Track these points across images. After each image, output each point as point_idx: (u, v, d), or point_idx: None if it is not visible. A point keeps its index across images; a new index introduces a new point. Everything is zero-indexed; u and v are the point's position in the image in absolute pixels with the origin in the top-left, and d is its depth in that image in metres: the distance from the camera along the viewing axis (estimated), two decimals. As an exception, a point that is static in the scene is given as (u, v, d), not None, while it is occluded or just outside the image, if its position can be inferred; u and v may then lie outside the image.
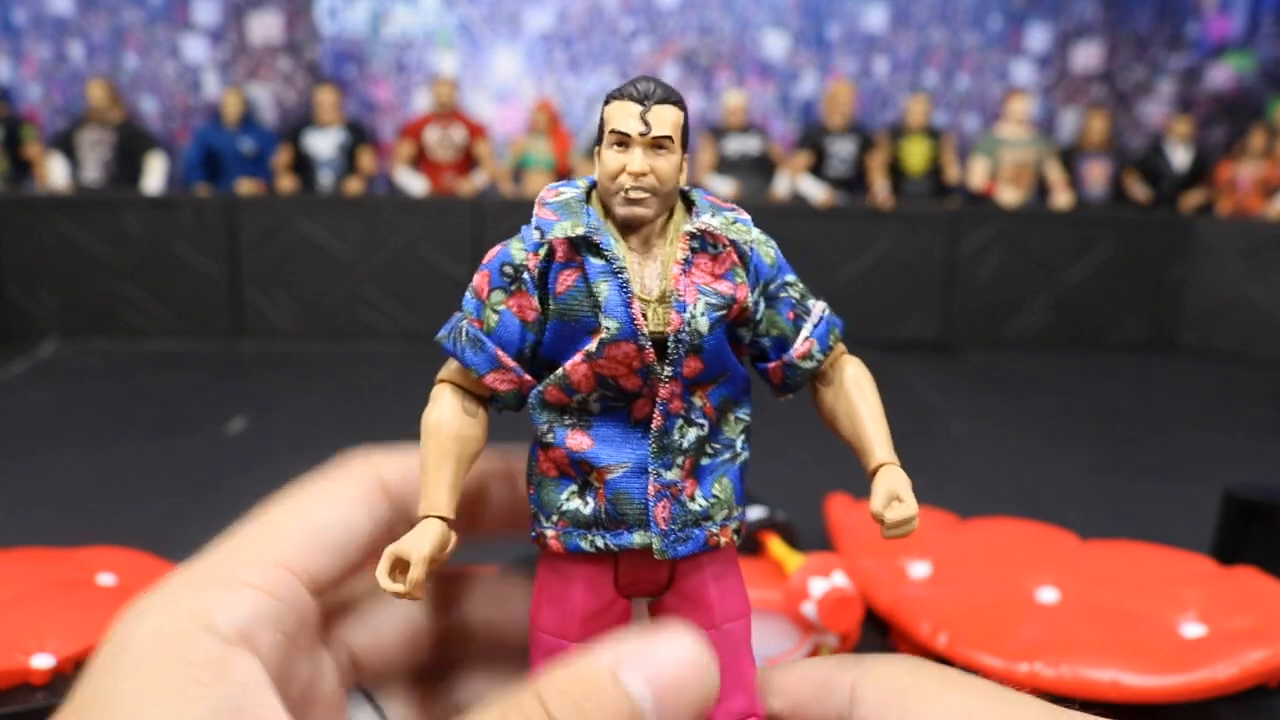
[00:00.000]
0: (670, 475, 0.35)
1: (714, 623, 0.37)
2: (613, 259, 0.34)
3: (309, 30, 3.96)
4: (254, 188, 3.46)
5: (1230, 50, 4.10)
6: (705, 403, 0.36)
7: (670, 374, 0.34)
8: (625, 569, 0.37)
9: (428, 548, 0.34)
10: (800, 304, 0.38)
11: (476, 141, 3.60)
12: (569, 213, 0.35)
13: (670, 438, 0.35)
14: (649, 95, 0.35)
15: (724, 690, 0.37)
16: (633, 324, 0.33)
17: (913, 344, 3.50)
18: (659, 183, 0.34)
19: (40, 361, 3.01)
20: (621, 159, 0.34)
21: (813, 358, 0.38)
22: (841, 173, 3.66)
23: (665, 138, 0.34)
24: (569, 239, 0.34)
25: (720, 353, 0.35)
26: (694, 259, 0.35)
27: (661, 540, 0.35)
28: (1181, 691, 0.92)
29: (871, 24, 4.10)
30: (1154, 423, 2.49)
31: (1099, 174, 3.76)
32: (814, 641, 0.99)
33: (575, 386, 0.35)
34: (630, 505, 0.35)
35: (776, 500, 1.22)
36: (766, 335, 0.38)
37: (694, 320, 0.34)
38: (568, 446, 0.35)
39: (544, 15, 4.00)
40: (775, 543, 1.11)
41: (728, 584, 0.38)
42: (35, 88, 3.91)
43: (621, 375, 0.34)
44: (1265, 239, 3.38)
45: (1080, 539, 1.26)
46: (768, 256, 0.37)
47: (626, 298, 0.34)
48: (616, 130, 0.35)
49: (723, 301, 0.35)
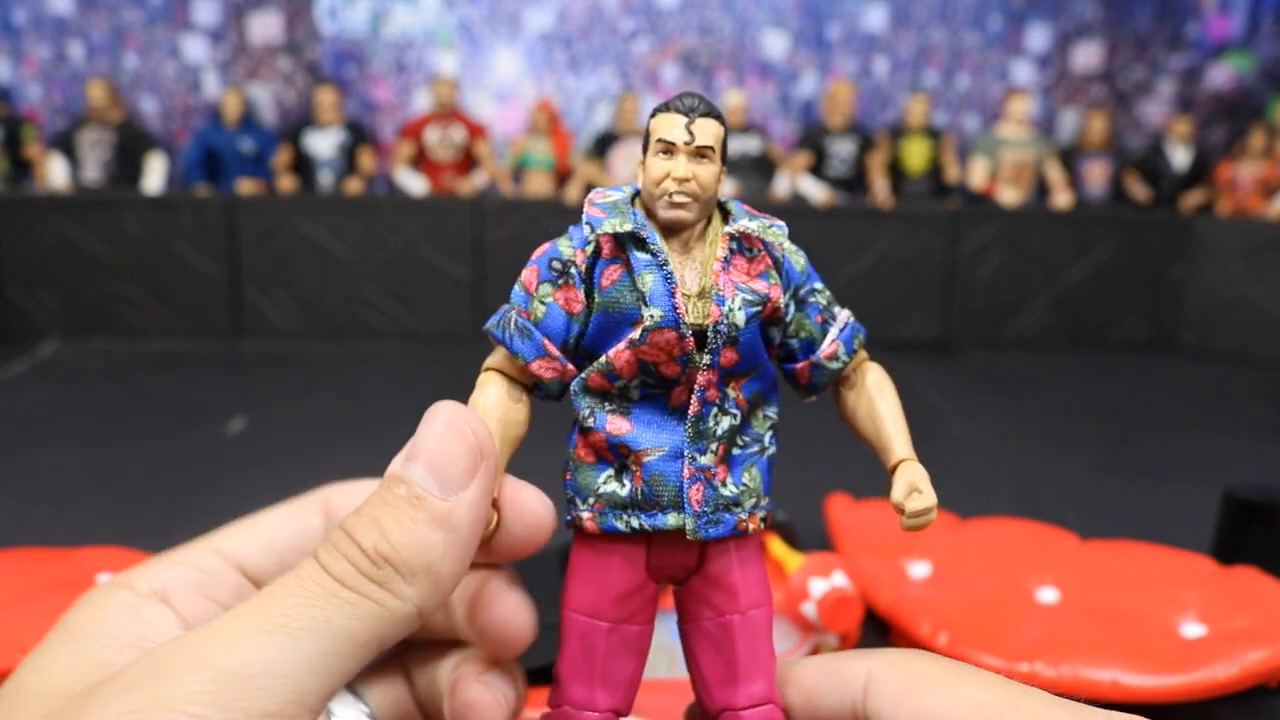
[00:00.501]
0: (704, 460, 0.37)
1: (738, 608, 0.39)
2: (658, 252, 0.36)
3: (309, 30, 3.96)
4: (254, 188, 3.46)
5: (1230, 50, 4.10)
6: (738, 394, 0.38)
7: (708, 363, 0.36)
8: (657, 552, 0.38)
9: None
10: (828, 309, 0.41)
11: (476, 141, 3.60)
12: (616, 212, 0.37)
13: (705, 424, 0.37)
14: (694, 109, 0.37)
15: (745, 675, 0.38)
16: (675, 312, 0.36)
17: (913, 344, 3.50)
18: (700, 189, 0.37)
19: (40, 361, 3.01)
20: (667, 165, 0.37)
21: (839, 359, 0.40)
22: (841, 173, 3.66)
23: (708, 147, 0.37)
24: (615, 235, 0.36)
25: (754, 346, 0.38)
26: (732, 259, 0.37)
27: (695, 521, 0.37)
28: (1181, 691, 0.92)
29: (871, 24, 4.10)
30: (1154, 423, 2.49)
31: (1099, 174, 3.76)
32: (814, 641, 0.99)
33: (618, 373, 0.37)
34: (666, 487, 0.37)
35: (777, 500, 1.22)
36: (795, 337, 0.40)
37: (732, 313, 0.36)
38: (608, 431, 0.37)
39: (544, 15, 4.00)
40: (775, 543, 1.11)
41: (752, 571, 0.39)
42: (35, 88, 3.91)
43: (662, 362, 0.37)
44: (1265, 239, 3.38)
45: (1080, 539, 1.26)
46: (798, 264, 0.40)
47: (670, 288, 0.36)
48: (663, 139, 0.37)
49: (758, 299, 0.37)
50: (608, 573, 0.38)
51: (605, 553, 0.38)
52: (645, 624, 0.39)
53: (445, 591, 0.32)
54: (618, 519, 0.37)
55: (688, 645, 0.40)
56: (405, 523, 0.32)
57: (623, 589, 0.38)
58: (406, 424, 0.34)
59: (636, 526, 0.37)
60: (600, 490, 0.38)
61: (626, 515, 0.37)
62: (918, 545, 1.23)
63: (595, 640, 0.38)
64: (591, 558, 0.38)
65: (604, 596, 0.38)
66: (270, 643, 0.28)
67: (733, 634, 0.38)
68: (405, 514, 0.32)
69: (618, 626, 0.38)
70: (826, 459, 1.49)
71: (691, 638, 0.39)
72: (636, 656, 0.39)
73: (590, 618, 0.38)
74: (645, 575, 0.38)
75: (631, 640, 0.39)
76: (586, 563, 0.39)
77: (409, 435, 0.38)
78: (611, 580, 0.38)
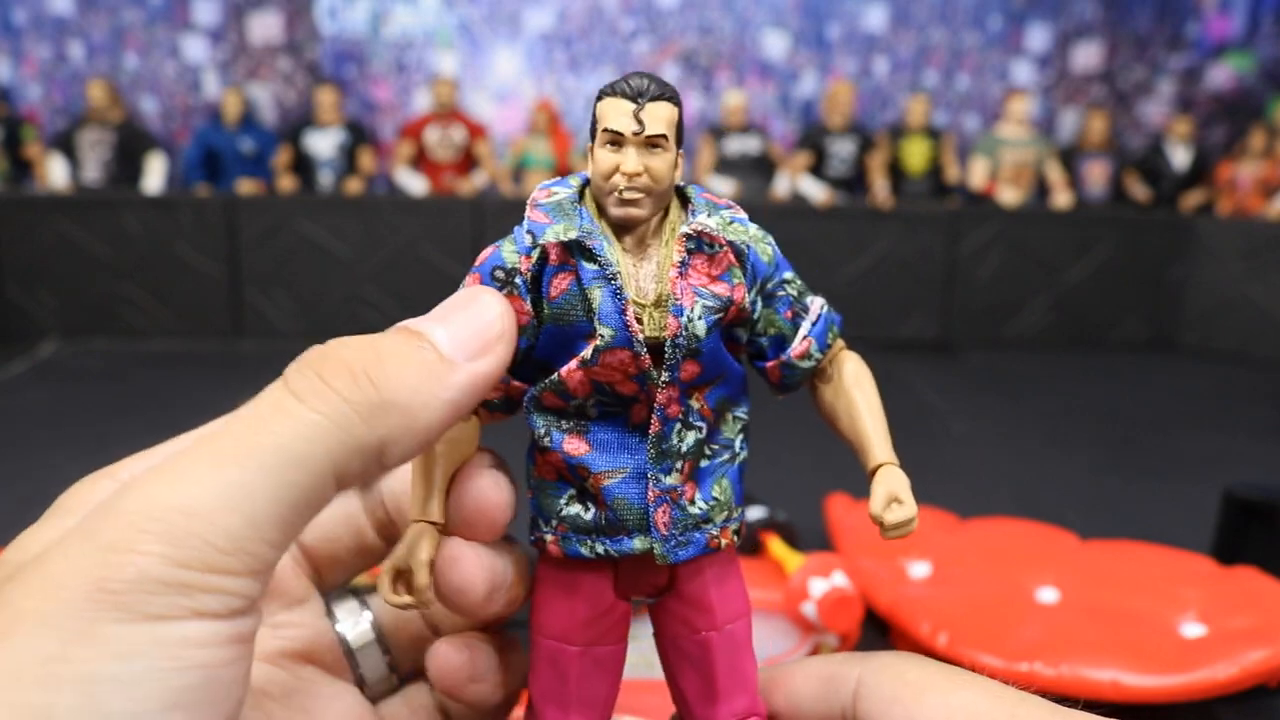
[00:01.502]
0: (669, 480, 0.35)
1: (715, 624, 0.37)
2: (606, 265, 0.33)
3: (309, 30, 3.96)
4: (254, 188, 3.46)
5: (1230, 50, 4.10)
6: (703, 405, 0.36)
7: (667, 379, 0.34)
8: (625, 573, 0.36)
9: (424, 554, 0.33)
10: (798, 302, 0.37)
11: (476, 141, 3.60)
12: (562, 215, 0.34)
13: (669, 442, 0.35)
14: (643, 92, 0.33)
15: (725, 691, 0.37)
16: (627, 330, 0.33)
17: (913, 344, 3.50)
18: (654, 182, 0.34)
19: (40, 361, 3.01)
20: (615, 159, 0.33)
21: (811, 357, 0.37)
22: (841, 173, 3.66)
23: (660, 136, 0.33)
24: (562, 243, 0.33)
25: (717, 355, 0.35)
26: (690, 260, 0.34)
27: (663, 545, 0.35)
28: (1181, 691, 0.92)
29: (871, 24, 4.10)
30: (1154, 423, 2.49)
31: (1099, 174, 3.76)
32: (814, 641, 0.99)
33: (571, 392, 0.34)
34: (630, 511, 0.34)
35: (776, 500, 1.22)
36: (764, 334, 0.37)
37: (691, 324, 0.33)
38: (565, 451, 0.35)
39: (544, 15, 4.00)
40: (775, 543, 1.11)
41: (728, 585, 0.37)
42: (35, 88, 3.91)
43: (617, 381, 0.34)
44: (1265, 239, 3.38)
45: (1080, 539, 1.26)
46: (765, 254, 0.36)
47: (620, 305, 0.33)
48: (609, 129, 0.33)
49: (720, 304, 0.34)
50: (575, 596, 0.36)
51: (571, 576, 0.36)
52: (618, 643, 0.37)
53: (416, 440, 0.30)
54: (581, 544, 0.35)
55: (665, 662, 0.38)
56: (404, 357, 0.30)
57: (591, 612, 0.36)
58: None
59: (601, 552, 0.35)
60: (563, 513, 0.35)
61: (590, 540, 0.35)
62: (918, 545, 1.23)
63: (566, 664, 0.36)
64: (557, 581, 0.36)
65: (573, 620, 0.36)
66: (219, 475, 0.26)
67: (711, 651, 0.37)
68: (408, 351, 0.31)
69: (589, 649, 0.36)
70: (826, 459, 1.49)
71: (669, 655, 0.38)
72: (611, 674, 0.37)
73: (560, 642, 0.36)
74: (614, 596, 0.36)
75: (604, 660, 0.37)
76: (552, 585, 0.37)
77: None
78: (579, 604, 0.36)
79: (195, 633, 0.25)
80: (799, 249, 3.39)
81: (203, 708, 0.26)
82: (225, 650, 0.26)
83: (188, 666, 0.25)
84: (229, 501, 0.26)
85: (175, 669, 0.25)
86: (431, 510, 0.34)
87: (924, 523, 1.29)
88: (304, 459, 0.27)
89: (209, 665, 0.26)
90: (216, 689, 0.26)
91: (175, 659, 0.25)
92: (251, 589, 0.27)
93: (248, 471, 0.27)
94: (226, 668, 0.26)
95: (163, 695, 0.25)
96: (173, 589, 0.25)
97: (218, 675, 0.26)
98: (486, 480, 0.35)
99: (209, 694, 0.26)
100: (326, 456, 0.28)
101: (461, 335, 0.32)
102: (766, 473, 1.63)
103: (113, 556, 0.25)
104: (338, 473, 0.28)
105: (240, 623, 0.27)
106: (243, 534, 0.26)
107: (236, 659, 0.27)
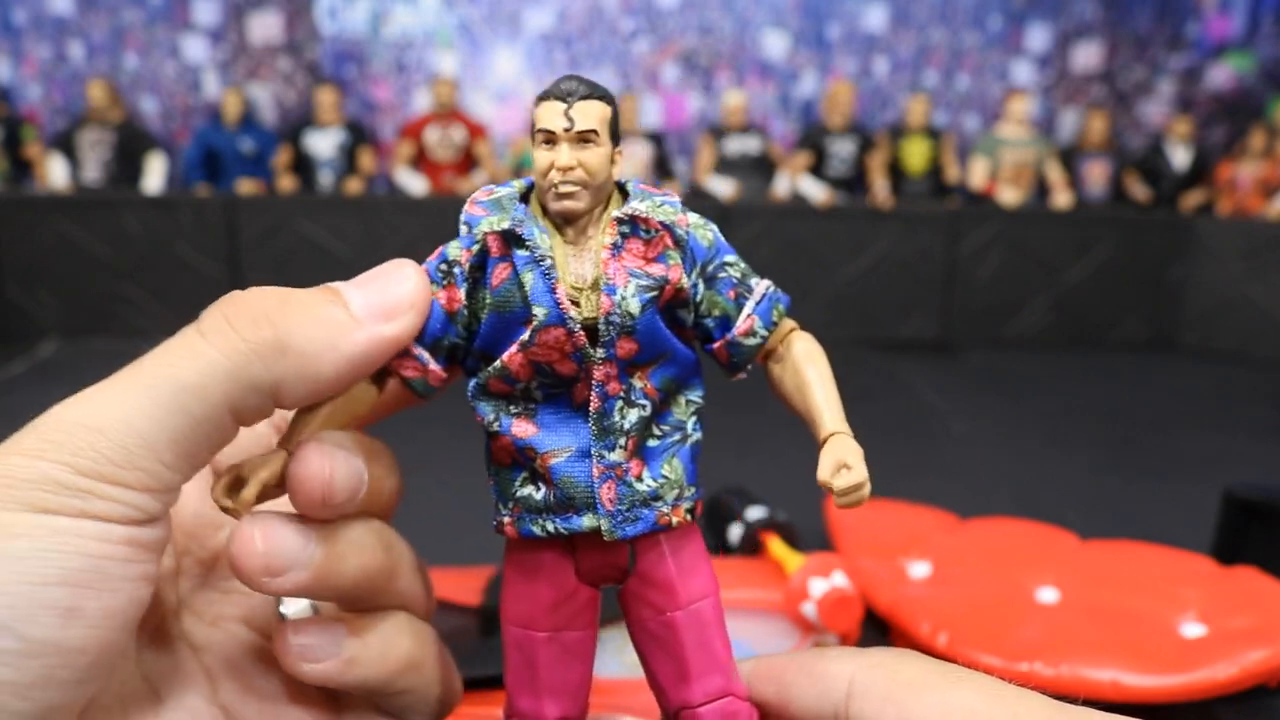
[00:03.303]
0: (613, 456, 0.36)
1: (678, 604, 0.37)
2: (534, 248, 0.34)
3: (309, 30, 3.96)
4: (254, 188, 3.46)
5: (1230, 50, 4.10)
6: (646, 384, 0.36)
7: (604, 355, 0.35)
8: (584, 555, 0.37)
9: (266, 472, 0.34)
10: (742, 283, 0.38)
11: (476, 141, 3.60)
12: (498, 209, 0.36)
13: (610, 419, 0.36)
14: (572, 93, 0.35)
15: (697, 671, 0.37)
16: (558, 308, 0.34)
17: (913, 344, 3.50)
18: (588, 175, 0.35)
19: (40, 361, 3.01)
20: (549, 155, 0.35)
21: (755, 334, 0.38)
22: (841, 173, 3.66)
23: (590, 131, 0.35)
24: (500, 234, 0.35)
25: (654, 334, 0.36)
26: (624, 244, 0.35)
27: (609, 521, 0.35)
28: (1181, 691, 0.92)
29: (871, 24, 4.10)
30: (1154, 423, 2.49)
31: (1099, 174, 3.76)
32: (814, 641, 0.99)
33: (515, 375, 0.36)
34: (575, 488, 0.35)
35: (776, 500, 1.22)
36: (709, 316, 0.38)
37: (624, 302, 0.34)
38: (513, 434, 0.36)
39: (544, 15, 4.00)
40: (775, 543, 1.11)
41: (688, 564, 0.38)
42: (35, 88, 3.91)
43: (555, 360, 0.35)
44: (1265, 239, 3.39)
45: (1080, 539, 1.26)
46: (705, 239, 0.37)
47: (550, 284, 0.34)
48: (543, 129, 0.35)
49: (654, 283, 0.35)
50: (537, 579, 0.37)
51: (533, 560, 0.37)
52: (586, 629, 0.38)
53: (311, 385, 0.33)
54: (534, 524, 0.36)
55: (637, 648, 0.39)
56: (310, 308, 0.33)
57: (554, 597, 0.37)
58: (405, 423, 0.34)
59: (552, 530, 0.36)
60: (518, 494, 0.36)
61: (542, 519, 0.36)
62: (918, 545, 1.23)
63: (534, 651, 0.37)
64: (520, 566, 0.37)
65: (537, 606, 0.37)
66: (122, 398, 0.30)
67: (677, 631, 0.37)
68: (317, 303, 0.33)
69: (556, 635, 0.37)
70: (826, 459, 1.49)
71: (639, 640, 0.38)
72: (582, 662, 0.38)
73: (525, 628, 0.37)
74: (576, 580, 0.37)
75: (573, 647, 0.37)
76: (516, 572, 0.38)
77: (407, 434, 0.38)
78: (542, 588, 0.37)
79: (84, 527, 0.28)
80: (799, 249, 3.39)
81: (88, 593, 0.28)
82: (115, 548, 0.29)
83: (74, 552, 0.28)
84: (126, 422, 0.29)
85: (60, 551, 0.28)
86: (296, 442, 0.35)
87: (924, 523, 1.29)
88: (200, 390, 0.30)
89: (96, 555, 0.28)
90: (104, 580, 0.28)
91: (62, 544, 0.28)
92: (145, 503, 0.29)
93: (146, 397, 0.30)
94: (116, 563, 0.29)
95: (45, 572, 0.27)
96: (68, 490, 0.28)
97: (104, 566, 0.28)
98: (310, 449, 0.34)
99: (95, 580, 0.28)
100: (221, 391, 0.30)
101: (373, 299, 0.35)
102: (766, 473, 1.63)
103: (19, 459, 0.28)
104: (233, 407, 0.31)
105: (134, 530, 0.29)
106: (137, 451, 0.29)
107: (128, 559, 0.29)
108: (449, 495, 1.35)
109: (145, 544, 0.30)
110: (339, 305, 0.34)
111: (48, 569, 0.27)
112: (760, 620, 0.98)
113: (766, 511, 1.17)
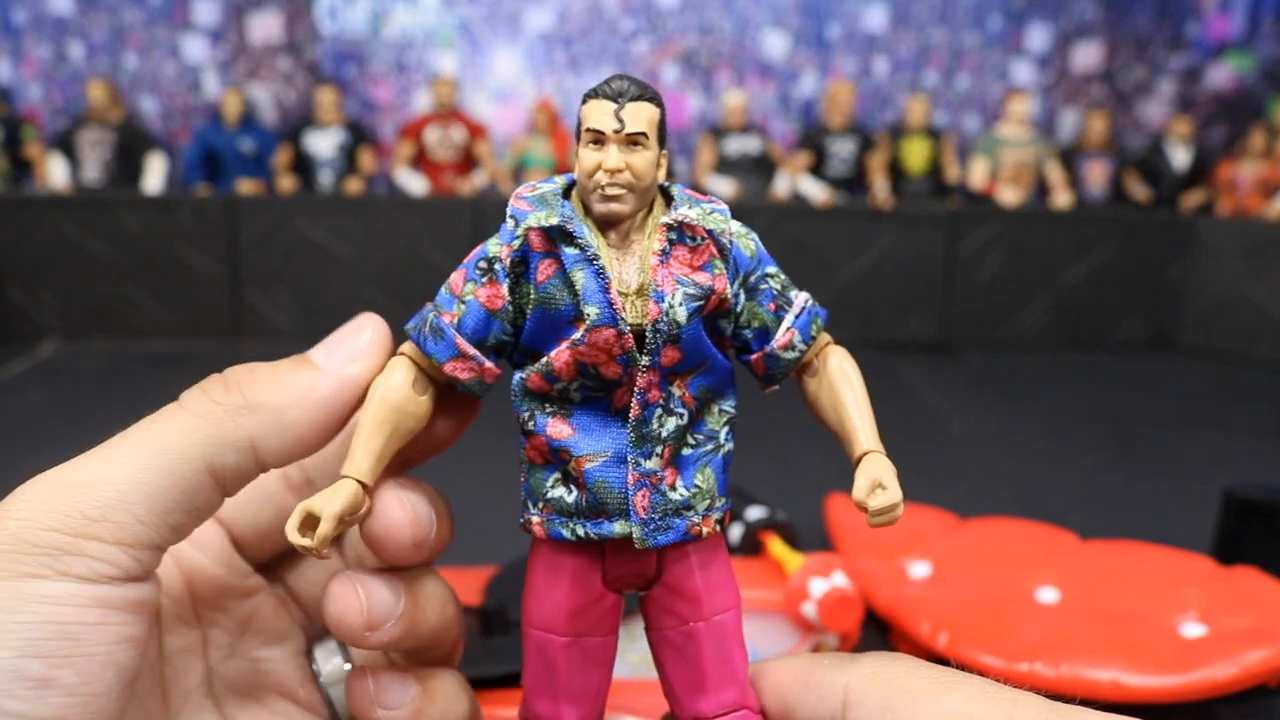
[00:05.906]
0: (649, 464, 0.35)
1: (701, 615, 0.37)
2: (586, 247, 0.34)
3: (309, 30, 3.96)
4: (254, 188, 3.46)
5: (1230, 50, 4.10)
6: (684, 392, 0.36)
7: (648, 363, 0.34)
8: (611, 561, 0.37)
9: (339, 506, 0.34)
10: (782, 295, 0.38)
11: (476, 141, 3.60)
12: (544, 205, 0.35)
13: (649, 427, 0.35)
14: (623, 93, 0.35)
15: (714, 683, 0.37)
16: (611, 309, 0.34)
17: (913, 344, 3.50)
18: (635, 179, 0.34)
19: (40, 361, 3.01)
20: (597, 156, 0.35)
21: (794, 348, 0.38)
22: (841, 173, 3.66)
23: (640, 134, 0.34)
24: (544, 229, 0.34)
25: (698, 343, 0.35)
26: (671, 251, 0.35)
27: (642, 529, 0.35)
28: (1181, 691, 0.92)
29: (871, 24, 4.10)
30: (1154, 423, 2.49)
31: (1099, 174, 3.76)
32: (814, 641, 0.99)
33: (557, 374, 0.35)
34: (610, 494, 0.35)
35: (776, 500, 1.22)
36: (748, 327, 0.37)
37: (672, 310, 0.34)
38: (548, 434, 0.36)
39: (544, 15, 4.00)
40: (775, 543, 1.11)
41: (715, 576, 0.38)
42: (35, 88, 3.91)
43: (602, 363, 0.34)
44: (1265, 239, 3.38)
45: (1080, 539, 1.26)
46: (747, 249, 0.37)
47: (603, 284, 0.34)
48: (592, 128, 0.35)
49: (701, 292, 0.35)
50: (562, 583, 0.36)
51: (559, 563, 0.37)
52: (607, 635, 0.37)
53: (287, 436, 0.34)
54: (564, 526, 0.36)
55: (655, 654, 0.38)
56: (276, 370, 0.35)
57: (579, 602, 0.36)
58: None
59: (582, 535, 0.35)
60: (549, 495, 0.36)
61: (572, 523, 0.36)
62: (918, 545, 1.23)
63: (554, 655, 0.37)
64: (546, 568, 0.37)
65: (560, 610, 0.36)
66: (104, 456, 0.31)
67: (698, 642, 0.37)
68: (283, 366, 0.35)
69: (577, 640, 0.37)
70: (826, 459, 1.49)
71: (658, 647, 0.38)
72: (601, 667, 0.38)
73: (547, 632, 0.37)
74: (603, 587, 0.37)
75: (593, 652, 0.37)
76: (541, 574, 0.37)
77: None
78: (566, 593, 0.36)
79: (53, 590, 0.28)
80: (799, 249, 3.39)
81: (60, 661, 0.28)
82: (87, 611, 0.29)
83: (43, 620, 0.28)
84: (101, 478, 0.30)
85: (29, 621, 0.28)
86: (359, 468, 0.35)
87: (924, 523, 1.29)
88: (177, 449, 0.32)
89: (67, 622, 0.28)
90: (77, 647, 0.29)
91: (30, 613, 0.28)
92: (118, 557, 0.30)
93: (123, 456, 0.31)
94: (88, 627, 0.29)
95: (14, 644, 0.27)
96: (41, 550, 0.28)
97: (75, 632, 0.29)
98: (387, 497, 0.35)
99: (66, 648, 0.28)
100: (197, 449, 0.32)
101: (334, 349, 0.36)
102: (766, 473, 1.63)
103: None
104: (211, 465, 0.32)
105: (108, 589, 0.29)
106: (110, 505, 0.30)
107: (101, 621, 0.29)
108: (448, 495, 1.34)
109: (120, 605, 0.30)
110: (306, 365, 0.36)
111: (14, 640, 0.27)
112: (760, 620, 0.98)
113: (766, 512, 1.17)
